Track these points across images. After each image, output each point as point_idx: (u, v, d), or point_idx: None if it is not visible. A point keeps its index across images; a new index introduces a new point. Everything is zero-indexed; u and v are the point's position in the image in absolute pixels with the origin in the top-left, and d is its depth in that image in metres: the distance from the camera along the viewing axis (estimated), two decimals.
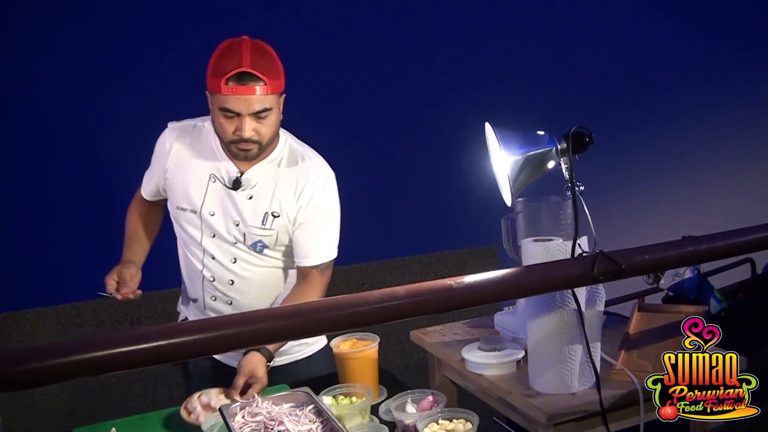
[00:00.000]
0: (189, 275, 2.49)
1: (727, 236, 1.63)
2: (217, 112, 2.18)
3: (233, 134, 2.19)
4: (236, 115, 2.16)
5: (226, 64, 2.13)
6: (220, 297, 2.42)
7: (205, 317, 2.41)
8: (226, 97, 2.13)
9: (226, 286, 2.40)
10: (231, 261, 2.38)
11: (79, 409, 3.58)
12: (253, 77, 2.13)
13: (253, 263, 2.39)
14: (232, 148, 2.23)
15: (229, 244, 2.36)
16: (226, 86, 2.12)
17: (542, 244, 1.79)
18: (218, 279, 2.40)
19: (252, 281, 2.41)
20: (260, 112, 2.17)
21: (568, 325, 1.72)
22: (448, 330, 2.32)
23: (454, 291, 1.32)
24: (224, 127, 2.19)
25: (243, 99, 2.14)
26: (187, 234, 2.40)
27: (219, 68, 2.14)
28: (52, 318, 3.55)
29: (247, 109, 2.15)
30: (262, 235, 2.35)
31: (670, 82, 5.10)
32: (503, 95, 2.36)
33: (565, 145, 1.71)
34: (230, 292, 2.41)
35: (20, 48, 3.53)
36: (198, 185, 2.34)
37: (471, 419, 1.83)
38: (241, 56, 2.13)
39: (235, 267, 2.39)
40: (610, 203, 4.64)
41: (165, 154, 2.39)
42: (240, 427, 1.79)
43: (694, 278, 2.72)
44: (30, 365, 1.05)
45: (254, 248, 2.36)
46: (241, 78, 2.12)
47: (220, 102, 2.15)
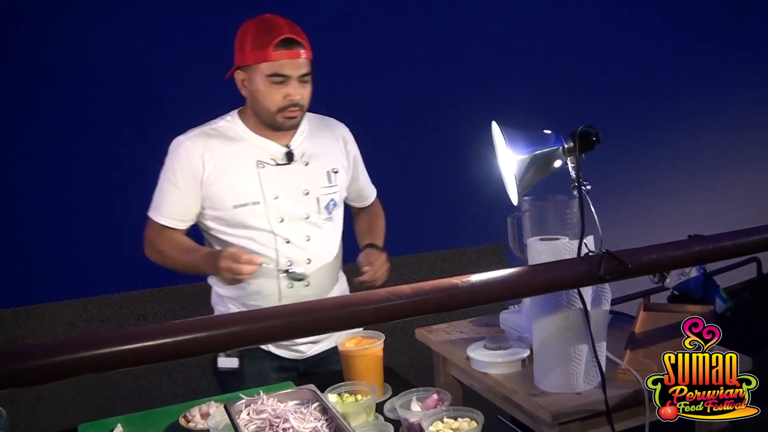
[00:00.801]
0: (257, 273, 2.36)
1: (733, 236, 1.62)
2: (263, 82, 2.27)
3: (283, 100, 2.28)
4: (283, 82, 2.26)
5: (269, 33, 2.24)
6: (297, 282, 2.41)
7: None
8: (276, 62, 2.24)
9: (303, 267, 2.40)
10: (305, 239, 2.40)
11: (85, 404, 3.59)
12: (296, 42, 2.26)
13: (322, 236, 2.44)
14: (279, 118, 2.31)
15: (300, 220, 2.39)
16: (275, 52, 2.23)
17: (548, 243, 1.79)
18: (295, 263, 2.39)
19: (323, 256, 2.45)
20: (304, 76, 2.30)
21: (574, 325, 1.72)
22: (454, 328, 2.32)
23: (459, 289, 1.32)
24: (272, 94, 2.28)
25: (292, 62, 2.26)
26: (252, 229, 2.36)
27: (262, 38, 2.24)
28: (59, 314, 3.55)
29: (296, 72, 2.27)
30: (332, 193, 2.45)
31: (677, 81, 5.09)
32: (510, 94, 2.36)
33: (571, 144, 1.71)
34: (308, 275, 2.41)
35: (19, 46, 3.54)
36: (249, 176, 2.34)
37: (476, 418, 1.83)
38: (281, 25, 2.26)
39: (309, 245, 2.41)
40: (616, 202, 4.64)
41: (198, 165, 2.33)
42: (245, 424, 1.79)
43: (699, 278, 2.72)
44: (36, 361, 1.05)
45: (327, 209, 2.43)
46: (287, 43, 2.24)
47: (269, 69, 2.24)
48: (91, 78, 3.65)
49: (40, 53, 3.56)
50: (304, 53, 2.28)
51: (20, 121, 3.58)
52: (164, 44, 3.75)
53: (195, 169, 2.33)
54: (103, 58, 3.64)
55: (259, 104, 2.31)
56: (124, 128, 3.72)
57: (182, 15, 3.79)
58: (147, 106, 3.74)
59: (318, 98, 2.44)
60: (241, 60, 2.30)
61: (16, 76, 3.55)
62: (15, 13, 3.53)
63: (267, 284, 2.38)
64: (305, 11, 3.00)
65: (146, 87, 3.73)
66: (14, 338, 3.44)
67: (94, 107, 3.68)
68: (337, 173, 2.46)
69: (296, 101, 2.29)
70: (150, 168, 2.49)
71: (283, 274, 2.33)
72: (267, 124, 2.35)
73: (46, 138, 3.63)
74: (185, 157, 2.35)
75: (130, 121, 3.73)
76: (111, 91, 3.70)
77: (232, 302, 2.48)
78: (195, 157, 2.34)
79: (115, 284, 3.71)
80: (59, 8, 3.55)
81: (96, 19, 3.63)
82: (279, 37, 2.23)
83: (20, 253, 3.57)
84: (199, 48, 3.75)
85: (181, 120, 2.44)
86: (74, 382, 3.50)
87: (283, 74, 2.25)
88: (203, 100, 2.37)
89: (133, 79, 3.70)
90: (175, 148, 2.37)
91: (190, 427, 2.02)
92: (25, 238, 3.59)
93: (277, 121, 2.32)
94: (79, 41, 3.60)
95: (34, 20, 3.55)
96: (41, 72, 3.58)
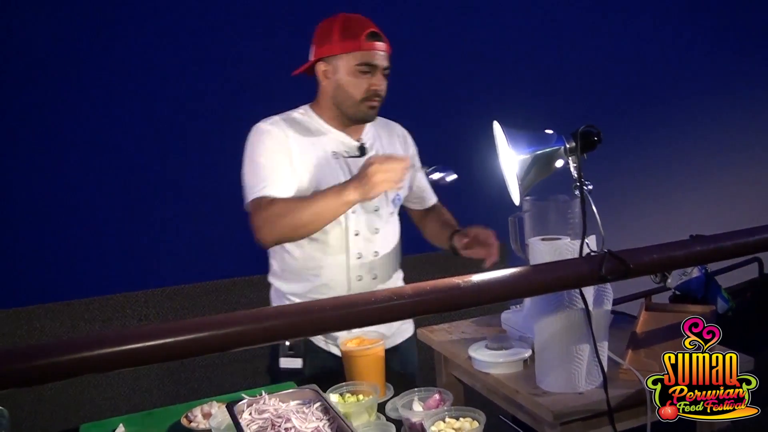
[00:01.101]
0: (328, 263, 2.44)
1: (734, 236, 1.62)
2: (349, 72, 2.36)
3: (368, 89, 2.37)
4: (369, 72, 2.35)
5: (359, 26, 2.36)
6: (366, 274, 2.46)
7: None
8: (366, 52, 2.34)
9: (370, 259, 2.46)
10: (374, 232, 2.45)
11: (86, 404, 3.59)
12: (381, 37, 2.38)
13: (388, 229, 2.51)
14: (362, 107, 2.39)
15: (370, 212, 2.44)
16: (366, 42, 2.34)
17: (550, 243, 1.79)
18: (365, 255, 2.44)
19: (388, 249, 2.51)
20: (387, 69, 2.41)
21: (576, 325, 1.72)
22: (455, 328, 2.32)
23: (461, 289, 1.32)
24: (359, 84, 2.36)
25: (380, 54, 2.37)
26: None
27: (352, 30, 2.35)
28: (60, 315, 3.55)
29: (383, 63, 2.38)
30: (398, 188, 2.44)
31: (678, 81, 5.09)
32: (512, 94, 2.36)
33: (573, 144, 1.71)
34: (374, 267, 2.47)
35: (19, 44, 3.54)
36: (327, 166, 2.38)
37: (478, 418, 1.83)
38: (366, 20, 2.39)
39: (376, 237, 2.46)
40: (618, 202, 4.64)
41: (287, 147, 2.37)
42: (247, 424, 1.79)
43: (701, 278, 2.72)
44: (38, 362, 1.05)
45: (394, 203, 2.51)
46: (375, 36, 2.36)
47: (359, 58, 2.34)
48: (90, 78, 3.66)
49: (40, 49, 3.57)
50: (387, 48, 2.40)
51: (21, 120, 3.58)
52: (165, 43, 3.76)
53: (286, 150, 2.37)
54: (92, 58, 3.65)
55: (344, 93, 2.38)
56: (123, 128, 3.73)
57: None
58: (152, 111, 3.74)
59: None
60: (327, 51, 2.37)
61: (17, 77, 3.55)
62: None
63: (336, 276, 2.43)
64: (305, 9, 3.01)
65: (148, 87, 3.74)
66: (16, 339, 3.44)
67: (95, 106, 3.68)
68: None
69: (379, 92, 2.39)
70: (151, 168, 2.50)
71: (431, 173, 2.32)
72: (348, 114, 2.41)
73: (47, 137, 3.63)
74: (275, 138, 2.38)
75: (130, 120, 3.73)
76: (112, 90, 3.71)
77: (296, 297, 2.49)
78: (283, 139, 2.38)
79: (117, 285, 3.71)
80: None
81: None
82: (369, 29, 2.35)
83: (22, 254, 3.57)
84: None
85: (182, 118, 2.45)
86: (76, 382, 3.50)
87: (372, 64, 2.34)
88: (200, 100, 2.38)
89: (136, 79, 3.71)
90: (262, 132, 2.39)
91: (192, 427, 2.01)
92: (26, 239, 3.59)
93: (359, 110, 2.40)
94: (87, 36, 3.61)
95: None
96: (40, 72, 3.59)
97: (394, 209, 2.55)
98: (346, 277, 2.43)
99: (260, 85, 3.86)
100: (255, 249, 2.71)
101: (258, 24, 3.95)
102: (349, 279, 2.44)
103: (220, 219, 3.86)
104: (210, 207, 3.87)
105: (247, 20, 3.95)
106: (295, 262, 2.47)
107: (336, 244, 2.41)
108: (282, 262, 2.51)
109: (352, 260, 2.43)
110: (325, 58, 2.39)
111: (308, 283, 2.45)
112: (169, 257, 3.84)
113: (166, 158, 3.74)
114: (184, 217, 3.81)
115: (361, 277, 2.44)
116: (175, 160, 3.77)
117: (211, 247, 3.89)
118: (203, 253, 3.89)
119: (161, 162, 3.73)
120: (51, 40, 3.56)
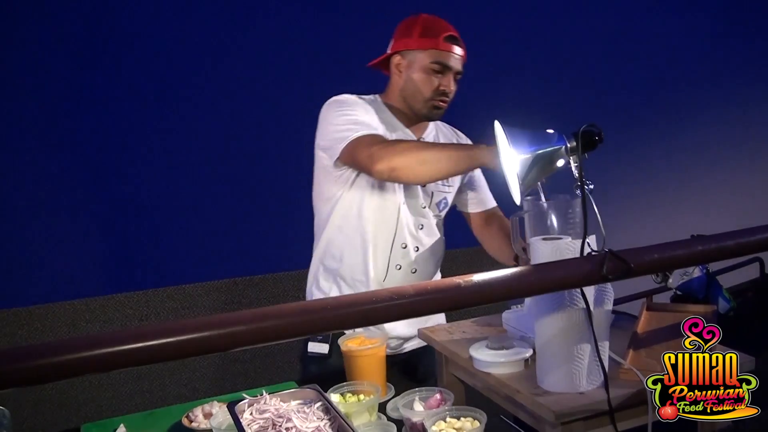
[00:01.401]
0: (374, 245, 2.50)
1: (736, 235, 1.62)
2: (423, 69, 2.43)
3: (437, 88, 2.44)
4: (442, 72, 2.42)
5: (439, 26, 2.44)
6: (406, 266, 2.52)
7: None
8: (442, 51, 2.41)
9: (411, 252, 2.52)
10: (418, 228, 2.53)
11: (88, 404, 3.59)
12: (459, 42, 2.46)
13: (431, 228, 2.58)
14: (429, 105, 2.46)
15: (419, 207, 2.52)
16: (444, 43, 2.41)
17: (551, 243, 1.78)
18: (409, 246, 2.51)
19: (430, 249, 2.57)
20: (458, 74, 2.48)
21: (577, 324, 1.71)
22: (456, 328, 2.31)
23: (462, 289, 1.32)
24: (430, 81, 2.43)
25: (455, 57, 2.44)
26: (381, 200, 2.47)
27: (432, 29, 2.43)
28: (61, 314, 3.55)
29: (456, 66, 2.45)
30: (446, 192, 2.58)
31: (680, 79, 5.09)
32: (512, 93, 2.37)
33: (574, 144, 1.71)
34: (414, 262, 2.53)
35: (18, 43, 3.54)
36: None
37: (478, 417, 1.83)
38: (448, 24, 2.46)
39: (420, 234, 2.54)
40: (619, 202, 4.63)
41: (367, 111, 2.45)
42: (248, 424, 1.79)
43: (702, 278, 2.71)
44: (39, 361, 1.05)
45: (438, 207, 2.56)
46: (453, 39, 2.44)
47: (434, 57, 2.41)
48: (89, 78, 3.66)
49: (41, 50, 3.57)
50: (464, 54, 2.47)
51: (21, 120, 3.57)
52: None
53: (367, 113, 2.44)
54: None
55: (414, 89, 2.45)
56: (119, 125, 3.72)
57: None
58: (147, 108, 3.74)
59: (319, 97, 2.45)
60: (405, 45, 2.46)
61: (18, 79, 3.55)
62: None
63: (378, 260, 2.50)
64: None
65: (154, 84, 3.74)
66: (16, 339, 3.44)
67: (96, 105, 3.68)
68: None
69: (448, 93, 2.45)
70: (152, 168, 2.49)
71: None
72: (414, 109, 2.48)
73: (47, 136, 3.63)
74: (359, 103, 2.47)
75: (132, 121, 3.73)
76: (116, 88, 3.71)
77: (331, 274, 2.57)
78: (365, 106, 2.47)
79: (118, 284, 3.71)
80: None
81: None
82: (449, 32, 2.42)
83: (23, 253, 3.57)
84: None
85: (181, 117, 2.45)
86: (77, 382, 3.50)
87: (446, 64, 2.42)
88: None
89: (135, 79, 3.71)
90: (345, 98, 2.48)
91: (192, 427, 2.02)
92: (26, 238, 3.59)
93: (426, 107, 2.46)
94: (84, 37, 3.60)
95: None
96: (43, 72, 3.59)
97: (439, 212, 2.60)
98: (386, 262, 2.50)
99: (260, 84, 3.87)
100: (256, 249, 2.72)
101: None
102: (388, 266, 2.50)
103: (222, 218, 3.86)
104: (211, 207, 3.87)
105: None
106: (344, 238, 2.53)
107: (386, 227, 2.48)
108: (329, 236, 2.56)
109: (396, 247, 2.49)
110: (401, 52, 2.47)
111: (350, 259, 2.52)
112: (170, 257, 3.83)
113: (165, 157, 3.74)
114: (184, 216, 3.81)
115: (400, 266, 2.51)
116: (174, 159, 3.77)
117: (213, 246, 3.89)
118: (204, 253, 3.89)
119: (161, 161, 3.73)
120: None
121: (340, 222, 2.51)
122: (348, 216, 2.49)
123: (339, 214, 2.51)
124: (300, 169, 2.60)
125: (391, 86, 2.53)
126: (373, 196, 2.46)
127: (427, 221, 2.55)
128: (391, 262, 2.51)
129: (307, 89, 2.93)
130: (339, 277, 2.55)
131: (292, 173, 2.90)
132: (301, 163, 2.57)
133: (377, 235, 2.49)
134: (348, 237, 2.51)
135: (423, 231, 2.54)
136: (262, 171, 3.91)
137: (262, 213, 3.87)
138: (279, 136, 3.79)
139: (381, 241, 2.49)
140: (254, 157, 3.90)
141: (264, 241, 3.87)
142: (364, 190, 2.45)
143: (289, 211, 3.49)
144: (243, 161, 3.91)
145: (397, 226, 2.48)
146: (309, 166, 2.55)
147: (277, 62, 3.90)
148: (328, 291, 2.57)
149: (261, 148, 3.88)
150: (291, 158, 2.89)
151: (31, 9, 3.44)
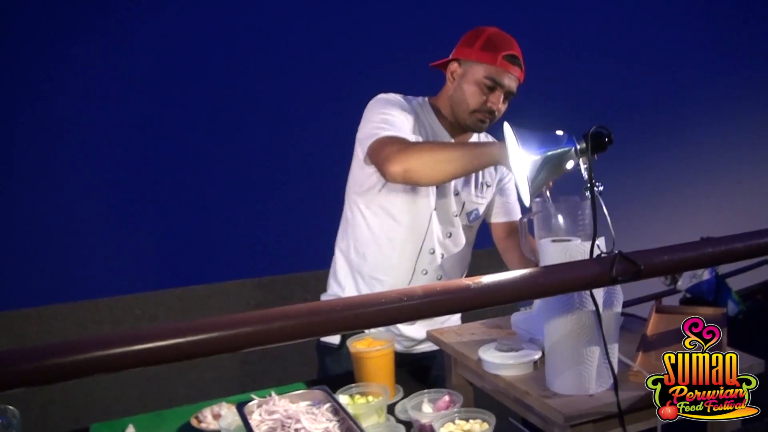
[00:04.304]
0: (401, 248, 2.52)
1: (745, 238, 1.61)
2: (475, 81, 2.40)
3: (483, 103, 2.41)
4: (493, 88, 2.39)
5: (503, 43, 2.40)
6: (432, 271, 2.53)
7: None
8: (499, 69, 2.38)
9: (438, 258, 2.53)
10: (446, 235, 2.53)
11: (96, 405, 3.60)
12: (519, 64, 2.43)
13: (458, 239, 2.58)
14: (471, 117, 2.44)
15: (449, 215, 2.52)
16: (502, 60, 2.37)
17: (561, 245, 1.78)
18: (437, 251, 2.52)
19: (457, 257, 2.59)
20: (509, 94, 2.45)
21: (586, 326, 1.71)
22: (465, 330, 2.31)
23: (471, 291, 1.32)
24: (478, 95, 2.41)
25: (510, 76, 2.40)
26: (414, 204, 2.47)
27: (495, 43, 2.39)
28: (69, 315, 3.57)
29: (509, 86, 2.41)
30: (478, 203, 2.57)
31: (690, 82, 5.08)
32: (522, 95, 2.37)
33: (584, 145, 1.70)
34: (440, 267, 2.54)
35: (18, 43, 3.55)
36: None
37: (487, 419, 1.82)
38: (512, 42, 2.42)
39: (449, 242, 2.55)
40: (629, 204, 4.62)
41: (410, 114, 2.45)
42: (257, 425, 1.79)
43: (712, 280, 2.71)
44: (48, 362, 1.05)
45: (469, 217, 2.56)
46: (513, 59, 2.40)
47: (489, 72, 2.38)
48: (90, 77, 3.67)
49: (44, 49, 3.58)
50: (520, 76, 2.43)
51: (23, 120, 3.59)
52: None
53: (409, 116, 2.44)
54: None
55: (461, 98, 2.43)
56: (130, 128, 3.73)
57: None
58: (151, 110, 3.75)
59: (319, 95, 2.46)
60: (465, 54, 2.44)
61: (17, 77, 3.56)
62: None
63: (404, 262, 2.52)
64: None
65: (149, 90, 3.74)
66: (25, 339, 3.45)
67: (98, 106, 3.69)
68: (489, 187, 2.61)
69: (494, 110, 2.42)
70: (154, 167, 2.49)
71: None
72: (458, 118, 2.47)
73: (53, 136, 3.64)
74: (402, 104, 2.46)
75: (138, 122, 3.74)
76: (118, 92, 3.72)
77: (356, 275, 2.58)
78: (408, 108, 2.46)
79: (126, 286, 3.72)
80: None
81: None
82: (510, 50, 2.38)
83: (31, 255, 3.58)
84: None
85: (190, 119, 2.45)
86: (86, 382, 3.51)
87: (499, 81, 2.38)
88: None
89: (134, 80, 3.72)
90: (390, 97, 2.47)
91: (201, 428, 2.02)
92: (35, 239, 3.60)
93: (470, 119, 2.44)
94: (92, 36, 3.61)
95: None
96: (42, 72, 3.60)
97: (469, 222, 2.59)
98: (412, 266, 2.52)
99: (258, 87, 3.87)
100: (265, 251, 2.73)
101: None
102: (414, 270, 2.51)
103: (230, 220, 3.87)
104: (220, 208, 3.87)
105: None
106: (371, 236, 2.53)
107: (416, 232, 2.48)
108: (356, 231, 2.56)
109: (423, 252, 2.50)
110: (459, 60, 2.46)
111: (374, 260, 2.53)
112: (179, 258, 3.84)
113: (174, 158, 3.75)
114: (193, 217, 3.82)
115: (426, 272, 2.52)
116: (183, 160, 3.78)
117: (221, 248, 3.89)
118: (213, 255, 3.90)
119: (170, 163, 3.73)
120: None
121: (371, 220, 2.52)
122: (379, 215, 2.50)
123: (370, 212, 2.51)
124: (319, 170, 2.60)
125: (443, 91, 2.53)
126: (407, 199, 2.46)
127: (456, 230, 2.55)
128: (418, 267, 2.51)
129: (301, 93, 2.93)
130: (357, 273, 2.57)
131: (305, 175, 2.90)
132: (325, 163, 2.57)
133: (406, 239, 2.50)
134: (375, 236, 2.52)
135: (450, 239, 2.55)
136: (267, 173, 3.92)
137: (272, 215, 3.87)
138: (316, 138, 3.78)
139: (409, 245, 2.50)
140: (269, 161, 3.90)
141: (273, 243, 3.87)
142: (399, 193, 2.45)
143: (296, 214, 3.50)
144: (256, 164, 3.91)
145: (427, 231, 2.48)
146: (329, 167, 2.57)
147: (314, 61, 3.89)
148: (344, 284, 2.60)
149: (284, 150, 3.88)
150: (316, 157, 2.88)
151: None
